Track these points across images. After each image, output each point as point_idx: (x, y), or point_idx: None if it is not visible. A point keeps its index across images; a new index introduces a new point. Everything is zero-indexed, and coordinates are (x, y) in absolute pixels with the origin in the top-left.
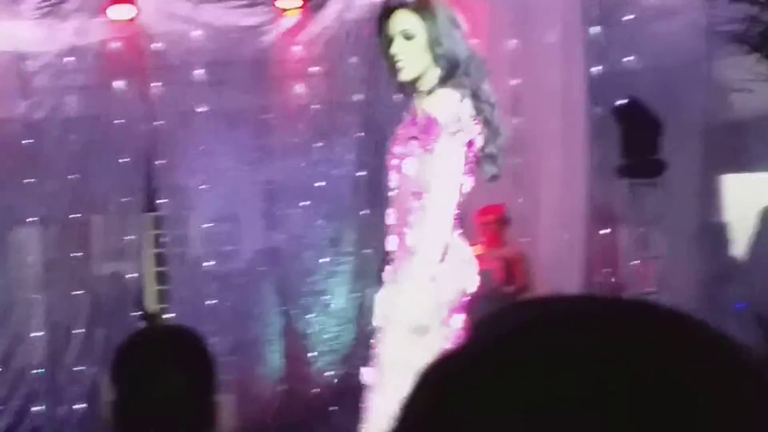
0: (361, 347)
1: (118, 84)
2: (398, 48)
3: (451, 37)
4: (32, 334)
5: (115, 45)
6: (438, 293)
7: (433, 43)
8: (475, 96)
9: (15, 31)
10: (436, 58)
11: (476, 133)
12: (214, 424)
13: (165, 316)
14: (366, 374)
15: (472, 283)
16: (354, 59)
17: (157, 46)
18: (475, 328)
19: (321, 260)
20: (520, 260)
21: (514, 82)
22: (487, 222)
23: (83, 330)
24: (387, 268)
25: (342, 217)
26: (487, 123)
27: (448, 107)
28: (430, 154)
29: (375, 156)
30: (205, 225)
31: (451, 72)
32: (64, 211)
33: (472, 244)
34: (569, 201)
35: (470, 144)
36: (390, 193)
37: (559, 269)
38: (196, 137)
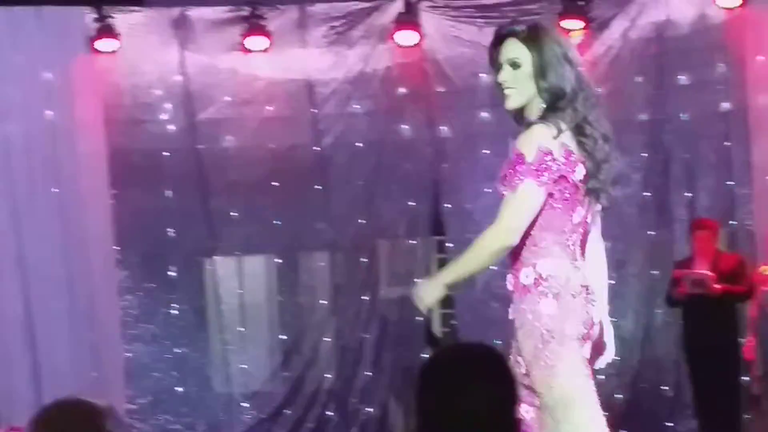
0: (648, 370)
1: (404, 109)
2: (505, 76)
3: (557, 70)
4: (323, 357)
5: (400, 70)
6: (558, 326)
7: (539, 74)
8: (579, 129)
9: (304, 59)
10: (540, 90)
11: (571, 169)
12: None
13: (452, 339)
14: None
15: (591, 312)
16: (639, 78)
17: (442, 69)
18: None
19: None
20: None
21: None
22: None
23: (373, 352)
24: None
25: (628, 238)
26: (589, 157)
27: (536, 144)
28: (513, 192)
29: (661, 176)
30: None
31: (554, 104)
32: (352, 235)
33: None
34: None
35: (563, 179)
36: None
37: None
38: (481, 160)
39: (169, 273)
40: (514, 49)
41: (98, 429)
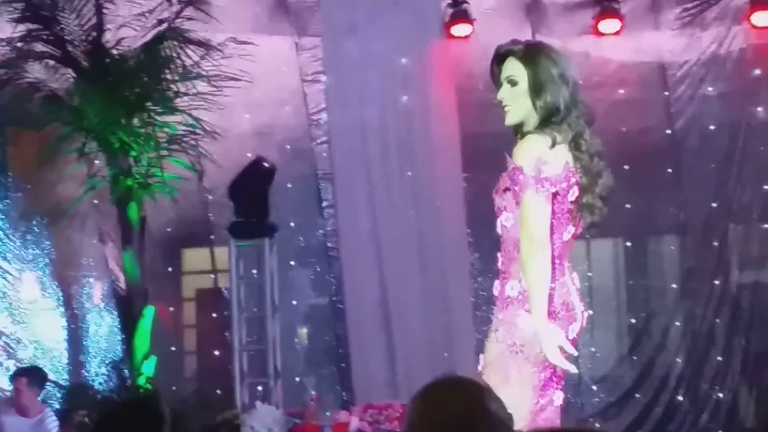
0: None
1: (759, 90)
2: (503, 93)
3: (552, 88)
4: (673, 341)
5: (755, 51)
6: (530, 342)
7: (534, 91)
8: (575, 145)
9: (657, 42)
10: (536, 106)
11: (567, 187)
12: None
13: None
14: None
15: (573, 327)
16: None
17: None
18: None
19: None
20: None
21: None
22: None
23: (724, 337)
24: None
25: None
26: (585, 172)
27: (532, 154)
28: (519, 206)
29: None
30: None
31: (548, 120)
32: (703, 218)
33: None
34: None
35: (558, 195)
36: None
37: None
38: None
39: None
40: (511, 67)
41: (482, 407)
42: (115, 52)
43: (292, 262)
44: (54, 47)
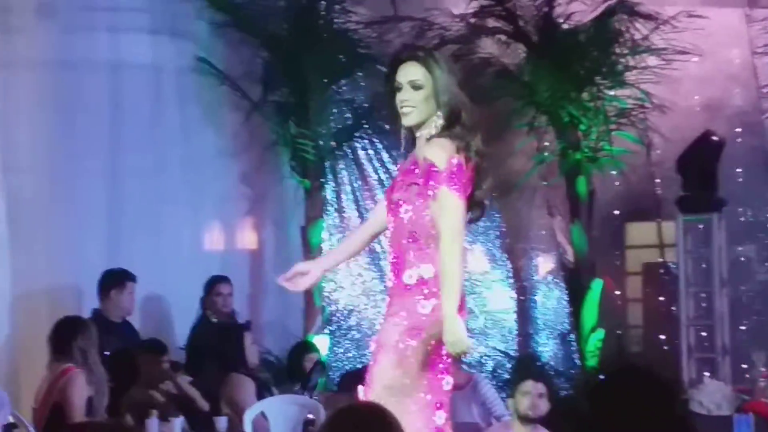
0: None
1: None
2: (407, 95)
3: (451, 88)
4: None
5: None
6: (428, 326)
7: (437, 94)
8: (468, 145)
9: None
10: (440, 108)
11: (469, 184)
12: None
13: None
14: (359, 392)
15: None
16: None
17: None
18: None
19: None
20: None
21: None
22: None
23: None
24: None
25: None
26: (477, 171)
27: (445, 153)
28: (433, 200)
29: None
30: None
31: (452, 121)
32: None
33: None
34: None
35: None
36: (388, 234)
37: None
38: None
39: None
40: (415, 72)
41: None
42: (565, 26)
43: (741, 237)
44: (506, 22)
